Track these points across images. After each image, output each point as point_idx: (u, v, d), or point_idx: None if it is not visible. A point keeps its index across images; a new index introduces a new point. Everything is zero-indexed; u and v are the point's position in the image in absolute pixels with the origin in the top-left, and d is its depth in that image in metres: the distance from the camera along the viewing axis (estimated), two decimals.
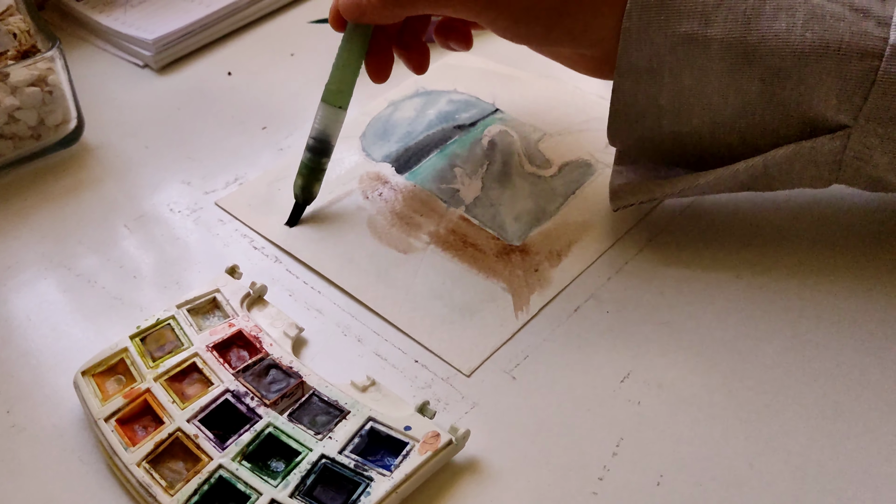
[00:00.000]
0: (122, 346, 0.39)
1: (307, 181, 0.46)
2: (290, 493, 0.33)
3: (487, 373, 0.39)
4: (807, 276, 0.41)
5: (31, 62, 0.48)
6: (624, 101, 0.40)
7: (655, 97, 0.39)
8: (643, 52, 0.38)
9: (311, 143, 0.45)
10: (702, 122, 0.39)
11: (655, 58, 0.38)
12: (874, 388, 0.36)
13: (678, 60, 0.38)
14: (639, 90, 0.39)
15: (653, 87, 0.39)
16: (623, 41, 0.38)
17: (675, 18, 0.37)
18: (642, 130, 0.41)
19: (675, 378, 0.37)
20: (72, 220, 0.48)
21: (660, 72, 0.38)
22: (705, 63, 0.37)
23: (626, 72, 0.39)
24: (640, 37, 0.38)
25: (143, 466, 0.34)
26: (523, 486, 0.34)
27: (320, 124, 0.45)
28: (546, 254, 0.44)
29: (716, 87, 0.38)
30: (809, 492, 0.33)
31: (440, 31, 0.48)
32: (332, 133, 0.45)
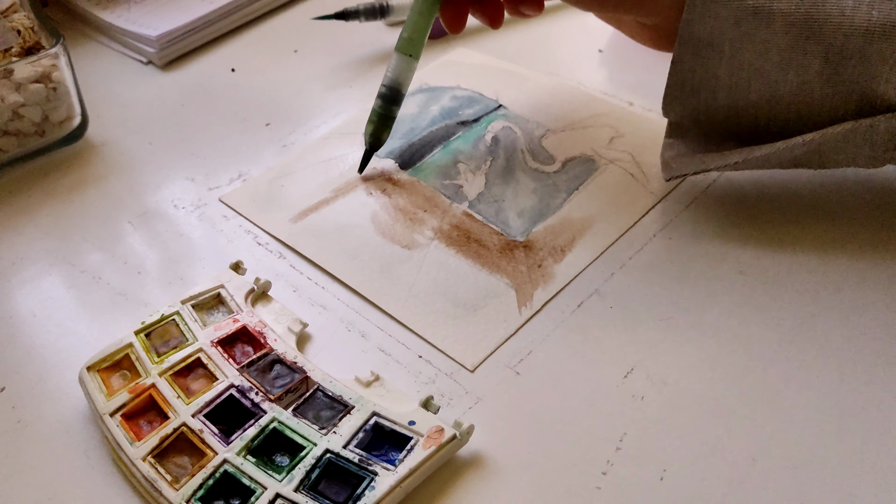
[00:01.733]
0: (127, 341, 0.39)
1: (377, 128, 0.47)
2: (295, 488, 0.33)
3: (491, 368, 0.39)
4: (810, 273, 0.41)
5: (35, 59, 0.48)
6: (682, 73, 0.41)
7: (714, 70, 0.40)
8: (706, 24, 0.38)
9: (382, 90, 0.47)
10: (759, 97, 0.39)
11: (717, 30, 0.38)
12: (878, 384, 0.36)
13: (741, 34, 0.38)
14: (698, 62, 0.40)
15: (712, 59, 0.39)
16: (687, 12, 0.39)
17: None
18: (697, 102, 0.41)
19: (679, 373, 0.38)
20: (76, 217, 0.48)
21: (720, 45, 0.39)
22: (768, 37, 0.38)
23: (687, 42, 0.39)
24: (704, 8, 0.38)
25: (148, 461, 0.34)
26: (527, 481, 0.34)
27: (393, 73, 0.46)
28: (549, 249, 0.44)
29: (776, 62, 0.38)
30: (812, 487, 0.33)
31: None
32: (404, 82, 0.47)
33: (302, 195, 0.48)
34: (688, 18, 0.39)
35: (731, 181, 0.46)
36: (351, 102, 0.55)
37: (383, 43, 0.61)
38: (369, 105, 0.54)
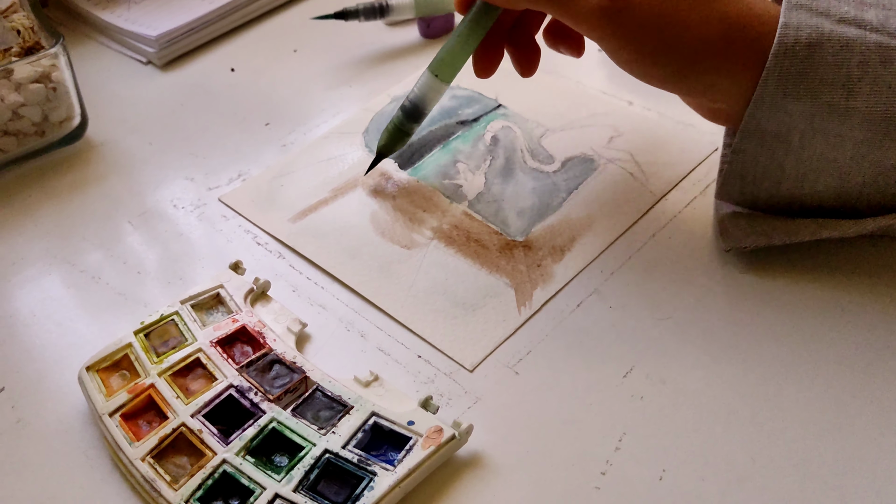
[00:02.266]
0: (127, 341, 0.39)
1: (392, 139, 0.46)
2: (294, 488, 0.33)
3: (490, 368, 0.39)
4: (808, 271, 0.41)
5: (35, 59, 0.48)
6: (743, 163, 0.39)
7: (780, 161, 0.38)
8: (774, 117, 0.37)
9: (406, 104, 0.45)
10: (827, 188, 0.38)
11: (787, 123, 0.37)
12: (878, 383, 0.36)
13: (813, 128, 0.37)
14: (762, 153, 0.38)
15: (778, 150, 0.38)
16: (754, 106, 0.37)
17: (816, 87, 0.36)
18: (758, 191, 0.40)
19: (678, 373, 0.38)
20: (76, 217, 0.48)
21: (789, 137, 0.37)
22: (844, 132, 0.36)
23: (752, 134, 0.38)
24: (774, 104, 0.36)
25: (147, 461, 0.34)
26: (526, 481, 0.34)
27: (420, 90, 0.45)
28: (549, 249, 0.44)
29: (850, 155, 0.37)
30: (812, 486, 0.33)
31: (551, 33, 0.45)
32: (429, 103, 0.45)
33: (301, 195, 0.48)
34: (753, 112, 0.37)
35: None
36: (350, 102, 0.55)
37: (383, 43, 0.61)
38: (369, 104, 0.54)
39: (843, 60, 0.36)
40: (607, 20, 0.37)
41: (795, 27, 0.36)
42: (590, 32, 0.38)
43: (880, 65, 0.36)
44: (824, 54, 0.36)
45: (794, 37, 0.36)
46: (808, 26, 0.36)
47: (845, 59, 0.36)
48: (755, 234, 0.40)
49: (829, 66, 0.36)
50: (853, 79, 0.36)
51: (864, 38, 0.36)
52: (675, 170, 0.47)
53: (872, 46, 0.36)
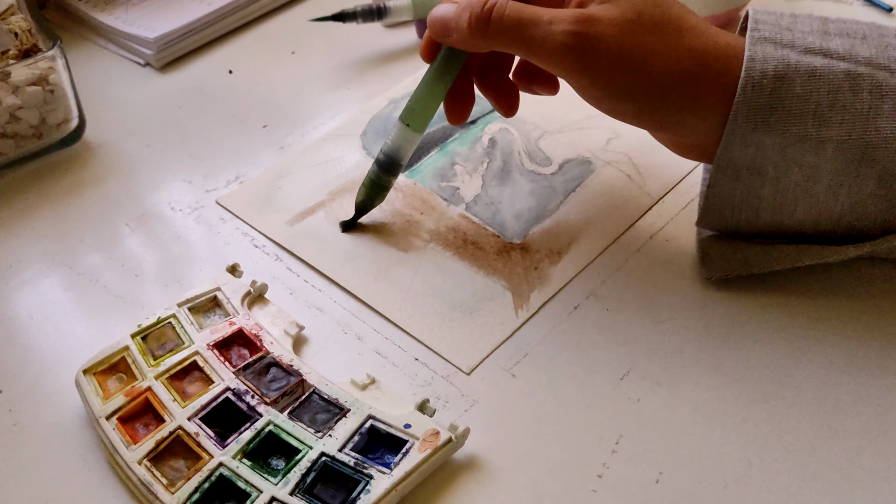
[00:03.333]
0: (124, 344, 0.39)
1: (369, 194, 0.45)
2: (291, 491, 0.33)
3: (487, 371, 0.39)
4: (805, 273, 0.41)
5: (33, 61, 0.48)
6: (720, 196, 0.39)
7: (757, 192, 0.38)
8: (747, 151, 0.36)
9: (380, 157, 0.44)
10: (806, 216, 0.38)
11: (760, 156, 0.36)
12: (874, 386, 0.36)
13: (787, 160, 0.36)
14: (737, 185, 0.38)
15: (754, 182, 0.37)
16: (726, 141, 0.36)
17: (785, 119, 0.35)
18: (737, 221, 0.39)
19: (675, 376, 0.38)
20: (73, 219, 0.48)
21: (763, 169, 0.37)
22: (818, 163, 0.36)
23: (726, 169, 0.37)
24: (745, 138, 0.36)
25: (144, 464, 0.34)
26: (523, 484, 0.34)
27: (393, 142, 0.43)
28: (546, 252, 0.44)
29: (826, 184, 0.36)
30: (808, 489, 0.33)
31: (522, 75, 0.44)
32: (404, 154, 0.44)
33: (299, 197, 0.48)
34: (726, 146, 0.36)
35: None
36: (348, 104, 0.55)
37: (381, 45, 0.61)
38: (367, 107, 0.54)
39: (811, 90, 0.35)
40: (573, 57, 0.36)
41: (762, 60, 0.36)
42: (556, 70, 0.38)
43: (850, 92, 0.35)
44: (792, 85, 0.35)
45: (761, 70, 0.35)
46: (774, 58, 0.36)
47: (814, 89, 0.35)
48: (735, 261, 0.40)
49: (798, 98, 0.35)
50: (823, 108, 0.35)
51: (832, 67, 0.35)
52: (672, 172, 0.47)
53: (841, 75, 0.35)
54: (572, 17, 0.36)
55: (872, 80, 0.35)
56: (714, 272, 0.41)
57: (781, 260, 0.39)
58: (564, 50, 0.36)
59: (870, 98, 0.35)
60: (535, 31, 0.37)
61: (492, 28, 0.38)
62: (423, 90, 0.42)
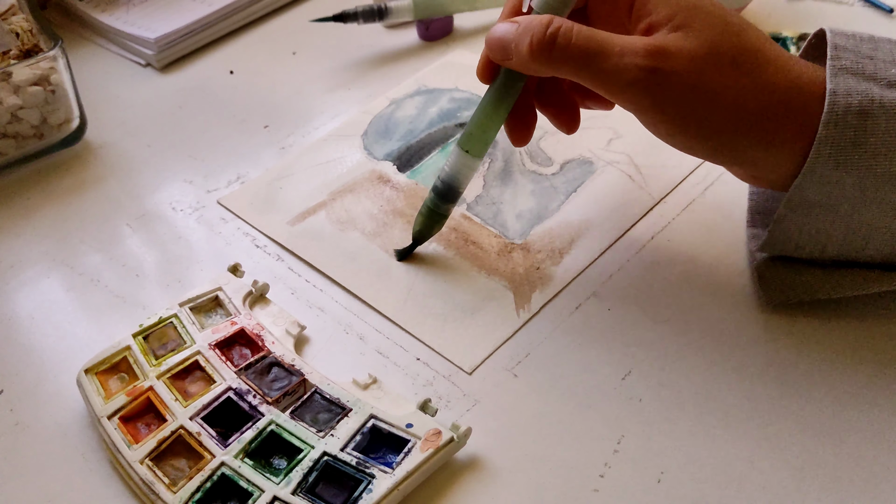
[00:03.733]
0: (125, 344, 0.39)
1: (427, 223, 0.43)
2: (293, 491, 0.33)
3: (489, 370, 0.39)
4: None
5: (34, 61, 0.48)
6: (786, 231, 0.37)
7: (826, 228, 0.36)
8: (823, 189, 0.35)
9: (437, 184, 0.42)
10: (876, 252, 0.37)
11: (837, 195, 0.35)
12: (875, 387, 0.36)
13: (865, 198, 0.34)
14: (807, 221, 0.36)
15: (825, 219, 0.36)
16: (803, 178, 0.34)
17: (870, 159, 0.34)
18: (800, 253, 0.38)
19: (677, 375, 0.38)
20: (74, 219, 0.48)
21: (837, 206, 0.35)
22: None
23: (798, 206, 0.36)
24: (825, 176, 0.34)
25: (145, 464, 0.34)
26: (524, 484, 0.34)
27: (451, 169, 0.41)
28: (548, 252, 0.44)
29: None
30: (810, 490, 0.33)
31: (578, 92, 0.42)
32: (462, 181, 0.41)
33: (300, 198, 0.48)
34: (801, 184, 0.34)
35: (728, 183, 0.46)
36: (349, 105, 0.55)
37: (382, 45, 0.61)
38: (368, 107, 0.54)
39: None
40: (645, 92, 0.34)
41: (844, 94, 0.33)
42: (626, 105, 0.35)
43: None
44: (878, 122, 0.33)
45: (845, 104, 0.33)
46: (858, 92, 0.33)
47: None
48: (798, 288, 0.38)
49: (883, 135, 0.33)
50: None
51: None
52: (673, 172, 0.47)
53: None
54: (645, 49, 0.34)
55: None
56: (775, 298, 0.39)
57: (847, 286, 0.38)
58: (637, 85, 0.34)
59: None
60: (605, 63, 0.34)
61: (556, 55, 0.35)
62: (482, 114, 0.40)
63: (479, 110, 0.40)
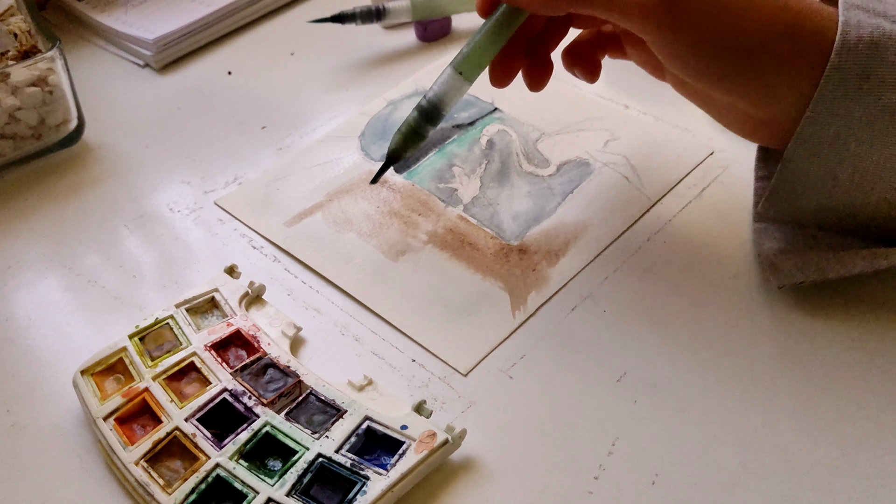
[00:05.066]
0: (121, 345, 0.39)
1: (404, 141, 0.43)
2: (287, 492, 0.33)
3: (484, 372, 0.39)
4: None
5: (32, 62, 0.49)
6: (794, 172, 0.37)
7: (833, 169, 0.36)
8: (832, 122, 0.35)
9: (423, 104, 0.42)
10: (881, 198, 0.36)
11: (845, 129, 0.35)
12: (870, 389, 0.36)
13: (872, 133, 0.35)
14: (814, 162, 0.36)
15: (832, 158, 0.36)
16: (812, 110, 0.35)
17: (878, 88, 0.34)
18: (806, 204, 0.38)
19: (671, 378, 0.38)
20: (72, 220, 0.48)
21: (846, 144, 0.35)
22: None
23: (807, 142, 0.36)
24: (834, 107, 0.34)
25: (141, 465, 0.35)
26: (519, 485, 0.34)
27: (440, 88, 0.41)
28: (544, 253, 0.44)
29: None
30: (803, 492, 0.33)
31: (569, 54, 0.43)
32: (449, 102, 0.41)
33: (297, 199, 0.48)
34: (812, 117, 0.35)
35: (724, 185, 0.46)
36: (347, 106, 0.55)
37: (380, 46, 0.61)
38: (365, 108, 0.54)
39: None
40: (664, 10, 0.34)
41: (856, 25, 0.34)
42: (643, 24, 0.35)
43: None
44: (887, 53, 0.34)
45: (856, 34, 0.34)
46: (869, 25, 0.34)
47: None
48: (808, 268, 0.39)
49: (892, 66, 0.34)
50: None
51: None
52: (670, 174, 0.47)
53: None
54: None
55: None
56: (784, 280, 0.39)
57: (858, 264, 0.38)
58: (653, 2, 0.34)
59: None
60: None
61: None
62: (480, 41, 0.40)
63: (476, 36, 0.40)
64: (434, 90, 0.42)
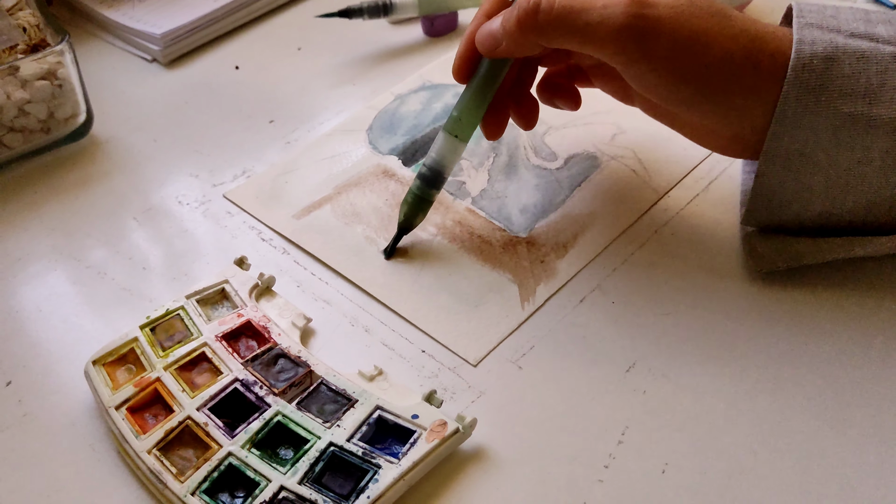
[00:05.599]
0: (133, 335, 0.39)
1: (412, 210, 0.43)
2: (299, 480, 0.34)
3: (494, 363, 0.39)
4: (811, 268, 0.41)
5: (41, 56, 0.49)
6: (770, 187, 0.38)
7: (807, 180, 0.37)
8: (798, 135, 0.36)
9: (423, 171, 0.43)
10: (856, 204, 0.38)
11: (812, 141, 0.36)
12: (878, 376, 0.37)
13: (838, 142, 0.36)
14: (788, 175, 0.37)
15: (805, 170, 0.37)
16: (776, 124, 0.36)
17: (836, 100, 0.36)
18: (787, 215, 0.39)
19: (680, 368, 0.38)
20: (81, 213, 0.49)
21: (814, 154, 0.37)
22: (869, 143, 0.36)
23: (776, 156, 0.37)
24: (797, 120, 0.36)
25: (153, 454, 0.35)
26: (529, 475, 0.35)
27: (437, 154, 0.43)
28: (552, 245, 0.44)
29: (878, 166, 0.36)
30: (813, 479, 0.33)
31: (545, 89, 0.45)
32: (448, 165, 0.43)
33: (305, 192, 0.48)
34: (777, 132, 0.36)
35: (732, 178, 0.46)
36: (354, 100, 0.56)
37: (387, 41, 0.61)
38: (373, 102, 0.54)
39: (860, 71, 0.36)
40: (632, 40, 0.36)
41: (810, 42, 0.36)
42: (613, 57, 0.37)
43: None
44: (842, 66, 0.36)
45: (810, 52, 0.36)
46: (823, 41, 0.36)
47: (863, 70, 0.36)
48: (787, 255, 0.40)
49: (847, 78, 0.35)
50: (873, 87, 0.35)
51: (879, 50, 0.36)
52: (677, 167, 0.48)
53: (888, 56, 0.36)
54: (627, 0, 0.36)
55: None
56: (763, 266, 0.40)
57: (834, 250, 0.39)
58: (623, 33, 0.35)
59: None
60: (589, 16, 0.36)
61: (541, 19, 0.37)
62: (468, 100, 0.42)
63: (465, 96, 0.42)
64: (432, 156, 0.43)
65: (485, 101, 0.42)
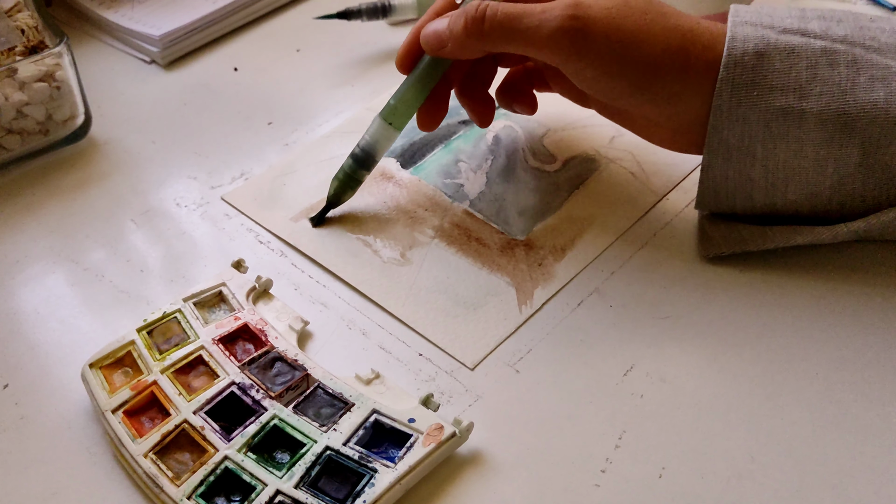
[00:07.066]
0: (130, 338, 0.39)
1: (342, 187, 0.46)
2: (295, 485, 0.34)
3: (491, 366, 0.39)
4: (810, 270, 0.41)
5: (39, 58, 0.49)
6: (714, 179, 0.40)
7: (748, 173, 0.39)
8: (734, 128, 0.38)
9: (356, 151, 0.45)
10: (798, 196, 0.39)
11: (748, 134, 0.38)
12: (876, 381, 0.36)
13: (772, 135, 0.38)
14: (730, 167, 0.39)
15: (745, 162, 0.39)
16: (714, 118, 0.38)
17: (767, 94, 0.37)
18: (733, 205, 0.41)
19: (678, 371, 0.38)
20: (79, 215, 0.49)
21: (752, 147, 0.38)
22: (801, 135, 0.37)
23: (717, 149, 0.39)
24: (732, 114, 0.38)
25: (149, 457, 0.35)
26: (526, 479, 0.35)
27: (371, 137, 0.45)
28: (550, 248, 0.44)
29: (812, 159, 0.38)
30: (811, 484, 0.33)
31: (503, 93, 0.47)
32: (380, 149, 0.45)
33: (303, 194, 0.48)
34: (715, 124, 0.38)
35: None
36: (353, 102, 0.55)
37: (385, 42, 0.61)
38: (371, 104, 0.54)
39: (791, 65, 0.37)
40: (568, 41, 0.38)
41: (742, 39, 0.38)
42: (552, 57, 0.39)
43: (827, 67, 0.37)
44: (772, 61, 0.37)
45: (742, 48, 0.37)
46: (755, 38, 0.38)
47: (793, 64, 0.37)
48: (732, 240, 0.41)
49: (778, 72, 0.37)
50: (803, 81, 0.37)
51: (810, 45, 0.37)
52: (676, 169, 0.48)
53: (818, 51, 0.37)
54: (564, 4, 0.38)
55: (848, 56, 0.37)
56: (710, 250, 0.42)
57: (776, 238, 0.40)
58: (560, 35, 0.38)
59: (846, 71, 0.37)
60: (529, 21, 0.39)
61: (487, 26, 0.39)
62: (407, 91, 0.44)
63: (404, 86, 0.44)
64: (366, 139, 0.45)
65: (422, 94, 0.44)
